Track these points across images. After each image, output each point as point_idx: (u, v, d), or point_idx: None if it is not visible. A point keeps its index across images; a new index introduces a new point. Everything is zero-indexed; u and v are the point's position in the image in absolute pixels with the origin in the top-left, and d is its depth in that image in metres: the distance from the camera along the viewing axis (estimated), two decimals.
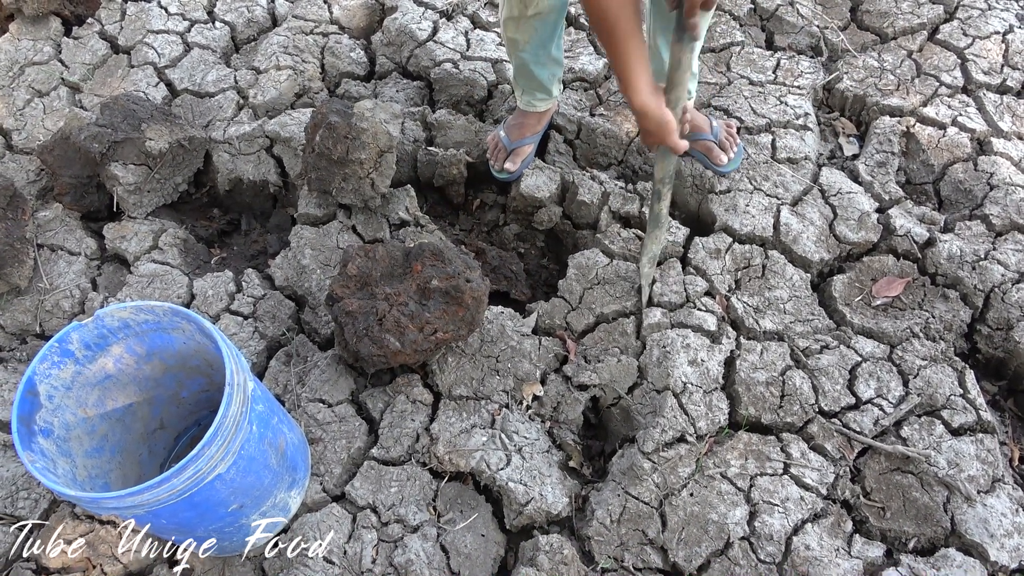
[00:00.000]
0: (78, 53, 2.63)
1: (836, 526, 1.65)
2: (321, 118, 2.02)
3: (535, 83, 2.08)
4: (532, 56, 1.98)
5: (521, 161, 2.22)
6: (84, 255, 2.11)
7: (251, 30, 2.75)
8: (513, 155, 2.22)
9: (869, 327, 1.95)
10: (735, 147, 2.20)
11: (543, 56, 1.99)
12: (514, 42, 1.94)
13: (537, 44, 1.94)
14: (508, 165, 2.21)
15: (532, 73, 2.03)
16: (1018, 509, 1.66)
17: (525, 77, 2.07)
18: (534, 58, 1.99)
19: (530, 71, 2.03)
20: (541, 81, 2.07)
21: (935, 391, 1.82)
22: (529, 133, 2.22)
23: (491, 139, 2.28)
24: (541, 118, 2.24)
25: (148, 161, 2.16)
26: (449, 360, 1.86)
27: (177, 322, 1.42)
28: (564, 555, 1.58)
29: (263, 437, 1.41)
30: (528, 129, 2.22)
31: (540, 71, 2.04)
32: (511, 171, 2.22)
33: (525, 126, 2.21)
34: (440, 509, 1.68)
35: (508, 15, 1.87)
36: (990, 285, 1.99)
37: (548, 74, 2.07)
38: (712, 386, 1.84)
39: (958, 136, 2.33)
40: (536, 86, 2.09)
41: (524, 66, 2.02)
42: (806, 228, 2.12)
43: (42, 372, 1.34)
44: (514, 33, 1.91)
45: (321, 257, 2.07)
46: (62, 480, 1.31)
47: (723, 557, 1.61)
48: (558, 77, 2.14)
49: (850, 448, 1.75)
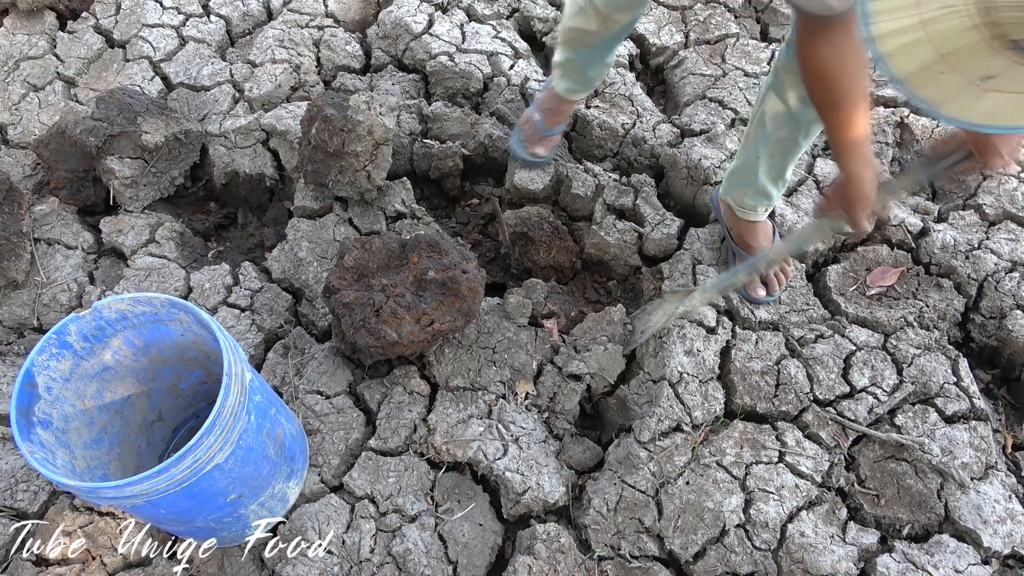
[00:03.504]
0: (73, 47, 2.62)
1: (831, 513, 1.66)
2: (317, 111, 2.02)
3: (580, 77, 2.06)
4: (587, 58, 1.97)
5: (551, 147, 2.24)
6: (81, 249, 2.11)
7: (246, 24, 2.75)
8: (546, 141, 2.22)
9: (863, 316, 1.96)
10: (780, 286, 1.99)
11: (598, 61, 1.99)
12: (574, 42, 1.92)
13: (597, 51, 1.94)
14: (539, 150, 2.23)
15: (582, 70, 2.02)
16: (1011, 496, 1.68)
17: (572, 69, 2.04)
18: (588, 60, 1.98)
19: (580, 68, 2.01)
20: (589, 78, 2.07)
21: (929, 379, 1.83)
22: (563, 120, 2.23)
23: (525, 120, 2.27)
24: (574, 105, 2.24)
25: (144, 155, 2.16)
26: (446, 351, 1.87)
27: (175, 313, 1.42)
28: (561, 544, 1.59)
29: (261, 427, 1.42)
30: (563, 116, 2.22)
31: (590, 71, 2.03)
32: (542, 156, 2.23)
33: (561, 113, 2.20)
34: (438, 499, 1.69)
35: (583, 27, 1.83)
36: (983, 274, 2.00)
37: (596, 73, 2.06)
38: (708, 376, 1.85)
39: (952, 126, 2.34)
40: (581, 80, 2.07)
41: (575, 62, 2.00)
42: (801, 219, 2.13)
43: (40, 364, 1.34)
44: (580, 37, 1.88)
45: (318, 250, 2.08)
46: (61, 471, 1.32)
47: (719, 544, 1.62)
48: (604, 74, 2.14)
49: (845, 436, 1.77)
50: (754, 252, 1.95)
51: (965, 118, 0.97)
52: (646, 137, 2.32)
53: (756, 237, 1.95)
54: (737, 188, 1.90)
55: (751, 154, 1.77)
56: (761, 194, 1.84)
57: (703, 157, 2.20)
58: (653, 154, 2.31)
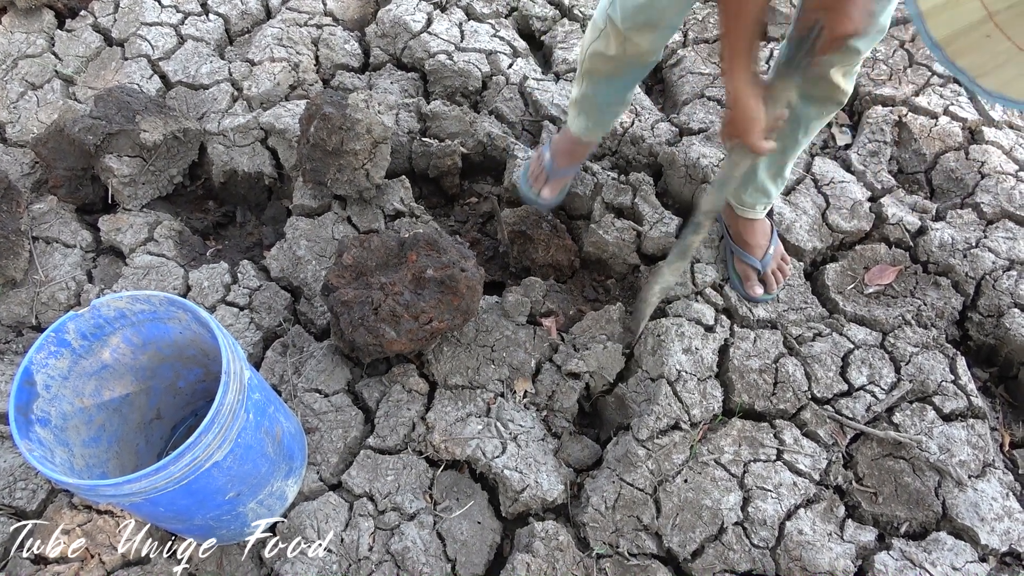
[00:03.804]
0: (71, 45, 2.62)
1: (829, 511, 1.67)
2: (316, 109, 2.02)
3: (596, 117, 1.94)
4: (605, 95, 1.85)
5: (560, 190, 2.12)
6: (79, 247, 2.11)
7: (245, 22, 2.75)
8: (553, 182, 2.09)
9: (861, 315, 1.96)
10: (779, 284, 1.98)
11: (615, 99, 1.87)
12: (595, 73, 1.79)
13: (617, 87, 1.82)
14: (546, 192, 2.09)
15: (598, 108, 1.90)
16: (1008, 493, 1.68)
17: (589, 108, 1.92)
18: (606, 98, 1.86)
19: (597, 106, 1.89)
20: (604, 117, 1.96)
21: (927, 377, 1.83)
22: (576, 161, 2.10)
23: (535, 156, 2.14)
24: (589, 147, 2.11)
25: (143, 153, 2.16)
26: (444, 349, 1.87)
27: (173, 311, 1.42)
28: (559, 541, 1.60)
29: (260, 425, 1.42)
30: (576, 157, 2.09)
31: (606, 110, 1.92)
32: (548, 199, 2.10)
33: (574, 154, 2.07)
34: (436, 497, 1.69)
35: (603, 51, 1.70)
36: (981, 272, 2.00)
37: (613, 113, 1.96)
38: (706, 374, 1.85)
39: (950, 125, 2.34)
40: (596, 120, 1.96)
41: (592, 99, 1.88)
42: (799, 217, 2.13)
43: (39, 362, 1.34)
44: (601, 66, 1.75)
45: (316, 248, 2.08)
46: (60, 469, 1.31)
47: (717, 542, 1.62)
48: (620, 115, 2.05)
49: (843, 434, 1.77)
50: (753, 250, 1.95)
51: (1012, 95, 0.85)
52: (644, 136, 2.32)
53: (755, 235, 1.95)
54: (737, 186, 1.89)
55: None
56: (760, 192, 1.85)
57: (701, 156, 2.20)
58: (651, 153, 2.31)
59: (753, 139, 1.42)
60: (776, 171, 1.79)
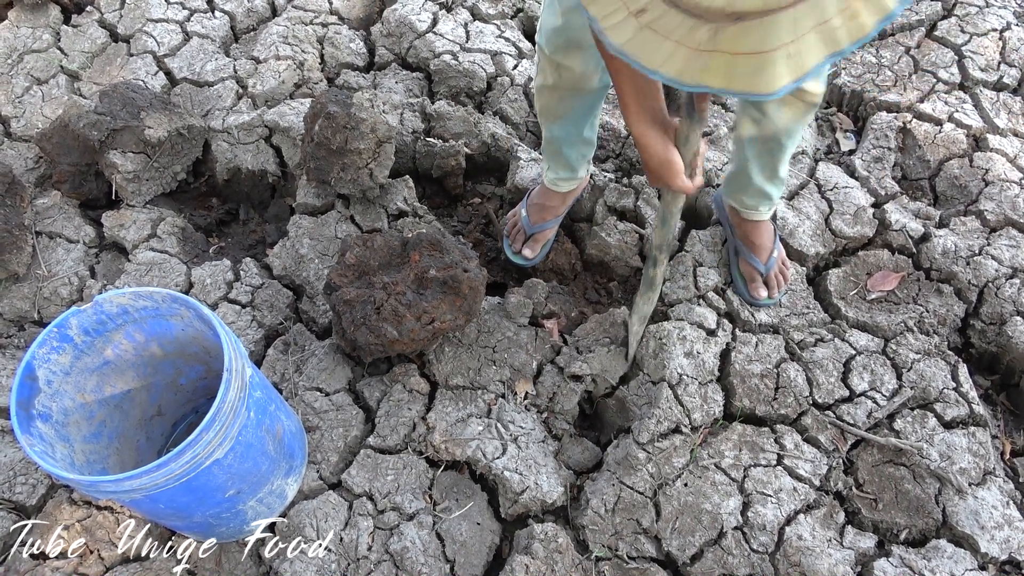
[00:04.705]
0: (77, 41, 2.63)
1: (828, 517, 1.67)
2: (320, 108, 2.02)
3: (561, 161, 1.93)
4: (563, 133, 1.83)
5: (540, 247, 2.08)
6: (82, 243, 2.11)
7: (250, 20, 2.75)
8: (532, 241, 2.07)
9: (863, 321, 1.96)
10: (780, 288, 1.99)
11: (574, 135, 1.84)
12: (546, 112, 1.79)
13: (570, 121, 1.80)
14: (527, 251, 2.07)
15: (559, 151, 1.89)
16: (1008, 502, 1.68)
17: (552, 153, 1.91)
18: (564, 135, 1.84)
19: (557, 148, 1.88)
20: (568, 161, 1.92)
21: (928, 384, 1.83)
22: (551, 216, 2.06)
23: (511, 216, 2.12)
24: (565, 199, 2.07)
25: (147, 149, 2.16)
26: (446, 350, 1.87)
27: (176, 308, 1.43)
28: (559, 544, 1.60)
29: (260, 423, 1.42)
30: (550, 212, 2.05)
31: (568, 151, 1.89)
32: (528, 258, 2.08)
33: (547, 209, 2.05)
34: (436, 497, 1.69)
35: (543, 83, 1.71)
36: (984, 280, 2.00)
37: (577, 154, 1.92)
38: (707, 378, 1.85)
39: (954, 132, 2.34)
40: (562, 164, 1.94)
41: (553, 141, 1.87)
42: (802, 222, 2.13)
43: (41, 357, 1.34)
44: (547, 102, 1.75)
45: (319, 247, 2.08)
46: (60, 464, 1.32)
47: (716, 547, 1.62)
48: (587, 158, 1.99)
49: (843, 440, 1.77)
50: (758, 251, 1.96)
51: (653, 67, 0.91)
52: None
53: (761, 236, 1.96)
54: (736, 190, 1.92)
55: (742, 158, 1.80)
56: (760, 194, 1.85)
57: (704, 159, 2.20)
58: None
59: (675, 182, 1.39)
60: (770, 173, 1.80)
